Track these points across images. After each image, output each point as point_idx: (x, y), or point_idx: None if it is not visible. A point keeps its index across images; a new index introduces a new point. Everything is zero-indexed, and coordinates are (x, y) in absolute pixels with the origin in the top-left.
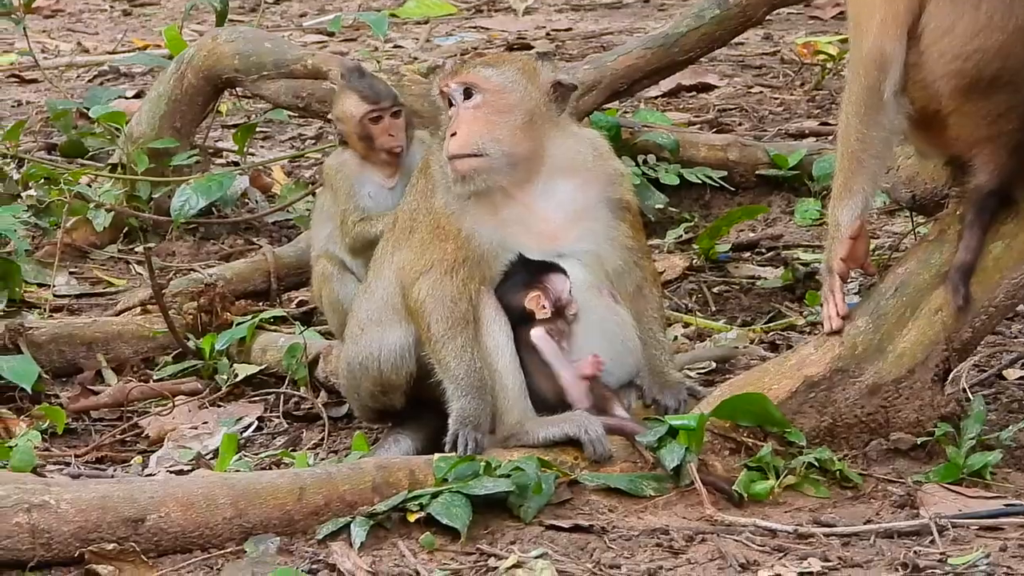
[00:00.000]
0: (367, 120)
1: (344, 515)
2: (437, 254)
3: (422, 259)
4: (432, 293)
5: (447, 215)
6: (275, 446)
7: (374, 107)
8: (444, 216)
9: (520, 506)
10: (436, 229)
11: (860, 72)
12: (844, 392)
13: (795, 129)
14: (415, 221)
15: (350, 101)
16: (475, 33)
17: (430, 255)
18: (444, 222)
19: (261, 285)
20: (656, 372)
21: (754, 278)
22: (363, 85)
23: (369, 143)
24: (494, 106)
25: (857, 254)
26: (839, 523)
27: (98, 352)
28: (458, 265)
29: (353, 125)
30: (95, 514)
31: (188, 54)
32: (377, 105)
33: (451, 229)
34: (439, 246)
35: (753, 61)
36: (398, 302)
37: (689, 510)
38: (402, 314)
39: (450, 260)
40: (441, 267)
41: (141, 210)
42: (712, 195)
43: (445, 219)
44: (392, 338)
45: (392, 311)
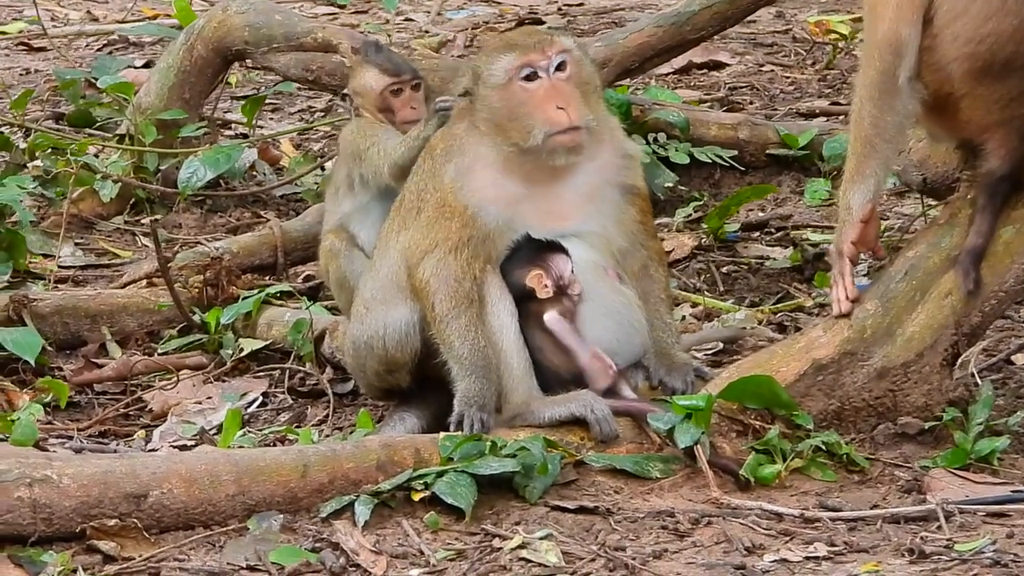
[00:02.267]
0: (388, 93)
1: (348, 493)
2: (442, 233)
3: (427, 238)
4: (437, 272)
5: (455, 192)
6: (279, 422)
7: (395, 80)
8: (452, 194)
9: (525, 486)
10: (443, 207)
11: (875, 56)
12: (852, 375)
13: (806, 108)
14: (422, 201)
15: (370, 75)
16: (486, 7)
17: (435, 234)
18: (452, 200)
19: (268, 259)
20: (662, 353)
21: (763, 258)
22: (382, 59)
23: (390, 116)
24: (579, 78)
25: (868, 237)
26: (845, 507)
27: (102, 325)
28: (463, 244)
29: (373, 99)
30: (97, 489)
31: (198, 25)
32: (398, 78)
33: (458, 207)
34: (445, 225)
35: (765, 39)
36: (403, 281)
37: (695, 492)
38: (407, 293)
39: (455, 239)
40: (446, 246)
41: (148, 182)
42: (722, 174)
43: (453, 197)
44: (397, 317)
45: (397, 290)
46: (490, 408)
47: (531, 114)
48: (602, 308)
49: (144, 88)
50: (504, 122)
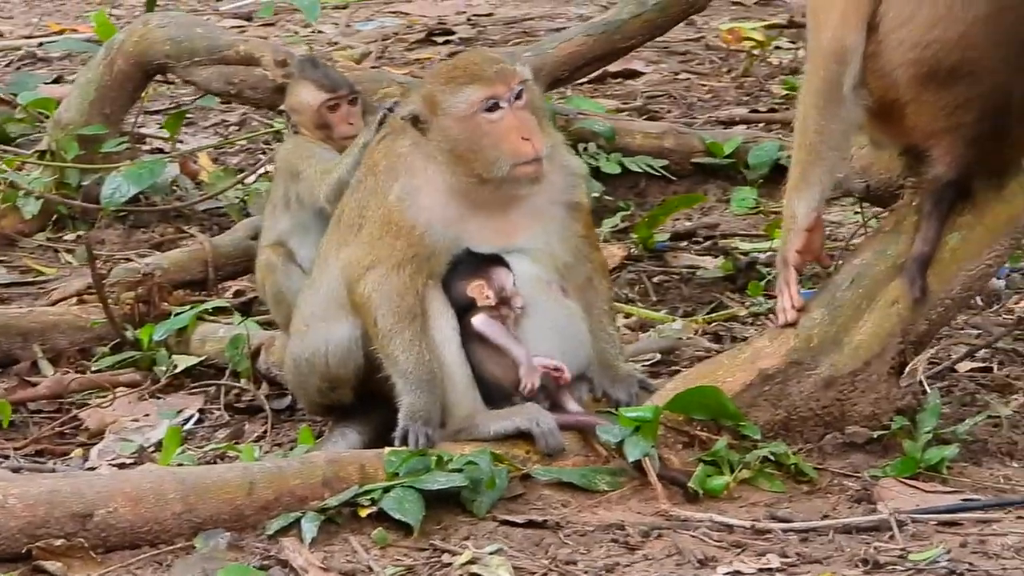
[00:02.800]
0: (324, 109)
1: (295, 510)
2: (385, 250)
3: (370, 254)
4: (378, 288)
5: (401, 211)
6: (217, 439)
7: (331, 96)
8: (398, 212)
9: (473, 501)
10: (387, 225)
11: (819, 64)
12: (799, 385)
13: (725, 116)
14: (363, 217)
15: (306, 91)
16: (395, 18)
17: (378, 251)
18: (397, 218)
19: (198, 275)
20: (606, 365)
21: (694, 268)
22: (318, 75)
23: (328, 132)
24: (534, 105)
25: (813, 246)
26: (796, 518)
27: (34, 342)
28: (407, 261)
29: (310, 114)
30: (43, 509)
31: (118, 39)
32: (335, 93)
33: (404, 225)
34: (388, 242)
35: (678, 47)
36: (344, 297)
37: (643, 505)
38: (348, 309)
39: (399, 256)
40: (389, 262)
41: (71, 198)
42: (647, 183)
43: (399, 215)
44: (339, 333)
45: (338, 306)
46: (435, 423)
47: (495, 146)
48: (547, 322)
49: (64, 103)
50: (465, 153)
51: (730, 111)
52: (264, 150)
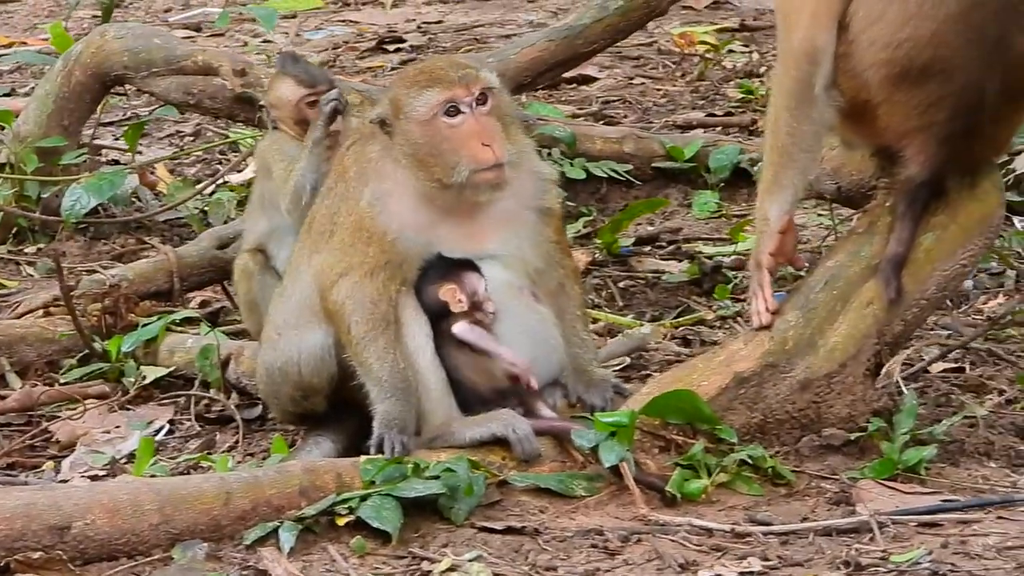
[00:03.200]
0: (303, 104)
1: (272, 519)
2: (358, 257)
3: (342, 261)
4: (352, 295)
5: (372, 217)
6: (188, 449)
7: (310, 91)
8: (369, 218)
9: (451, 508)
10: (358, 231)
11: (790, 65)
12: (775, 388)
13: (682, 121)
14: (335, 224)
15: (285, 86)
16: (344, 27)
17: (350, 258)
18: (369, 224)
19: (164, 285)
20: (580, 370)
21: (659, 272)
22: (298, 70)
23: (306, 127)
24: (499, 110)
25: (786, 248)
26: (775, 521)
27: (1, 355)
28: (379, 267)
29: (289, 110)
30: (20, 522)
31: (75, 51)
32: (313, 89)
33: (376, 231)
34: (360, 249)
35: (631, 52)
36: (316, 305)
37: (621, 510)
38: (320, 317)
39: (372, 263)
40: (362, 269)
41: (31, 210)
42: (608, 188)
43: (370, 221)
44: (311, 341)
45: (311, 314)
46: (410, 430)
47: (455, 151)
48: (519, 327)
49: (22, 116)
50: (426, 157)
51: (687, 115)
52: (220, 160)
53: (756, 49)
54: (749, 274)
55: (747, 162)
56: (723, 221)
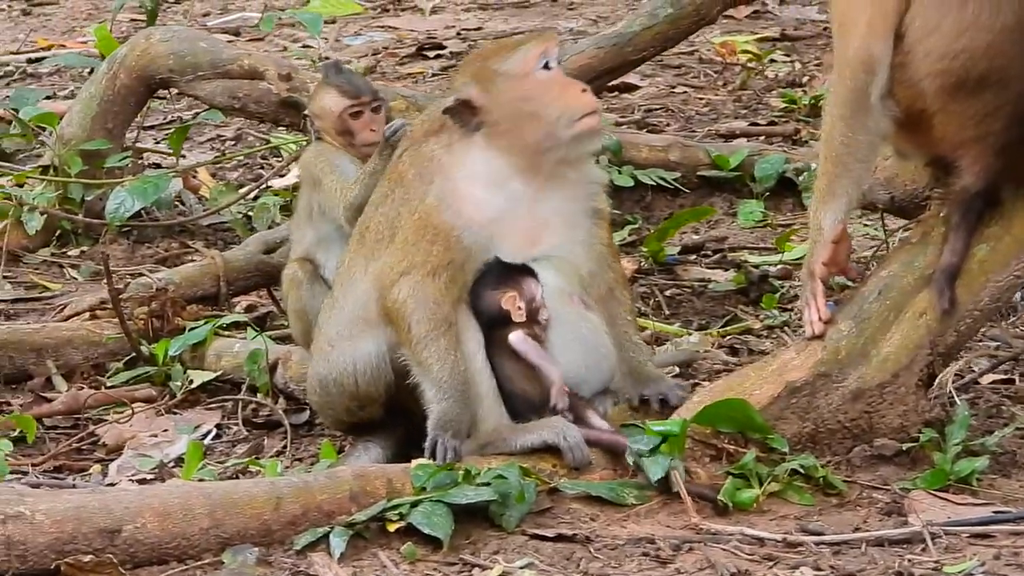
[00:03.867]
0: (347, 115)
1: (322, 525)
2: (420, 256)
3: (404, 260)
4: (413, 294)
5: (438, 214)
6: (236, 454)
7: (354, 102)
8: (436, 214)
9: (502, 515)
10: (423, 230)
11: (846, 74)
12: (827, 397)
13: (725, 130)
14: (395, 228)
15: (329, 97)
16: (384, 32)
17: (413, 256)
18: (435, 221)
19: (210, 289)
20: (638, 372)
21: (705, 281)
22: (342, 80)
23: (349, 138)
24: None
25: (839, 258)
26: (827, 531)
27: (48, 358)
28: (442, 267)
29: (333, 121)
30: (71, 525)
31: (120, 54)
32: (357, 100)
33: (442, 227)
34: (424, 247)
35: (672, 61)
36: (371, 314)
37: (673, 518)
38: (375, 325)
39: (435, 261)
40: (425, 268)
41: (74, 213)
42: (653, 197)
43: (436, 218)
44: (366, 351)
45: (364, 324)
46: (463, 435)
47: (557, 100)
48: (570, 335)
49: (66, 118)
50: (528, 119)
51: (729, 124)
52: (262, 165)
53: (798, 59)
54: (800, 283)
55: (792, 171)
56: (768, 230)
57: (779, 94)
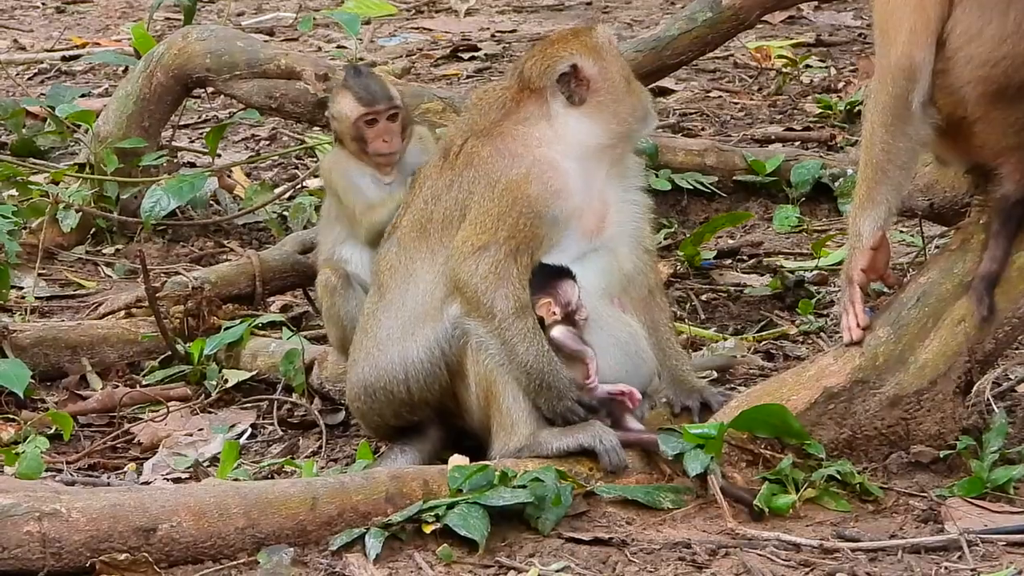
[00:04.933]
0: (362, 122)
1: (358, 526)
2: (504, 231)
3: (483, 235)
4: (496, 270)
5: (527, 184)
6: (271, 454)
7: (369, 110)
8: (524, 186)
9: (538, 518)
10: (508, 203)
11: (888, 81)
12: (864, 404)
13: (760, 135)
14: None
15: (345, 101)
16: (418, 34)
17: (495, 231)
18: (524, 191)
19: (246, 289)
20: (678, 380)
21: (740, 286)
22: (359, 85)
23: (363, 145)
24: None
25: (877, 265)
26: (864, 538)
27: (83, 356)
28: (525, 245)
29: (347, 126)
30: (106, 523)
31: (157, 52)
32: (372, 108)
33: (531, 199)
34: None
35: (706, 65)
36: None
37: (709, 523)
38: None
39: (519, 238)
40: (508, 244)
41: (110, 211)
42: (689, 201)
43: (525, 188)
44: (418, 353)
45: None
46: (580, 412)
47: (640, 90)
48: (610, 338)
49: (102, 116)
50: (622, 96)
51: (765, 129)
52: (297, 164)
53: (833, 64)
54: (838, 289)
55: (828, 177)
56: (804, 236)
57: (814, 99)
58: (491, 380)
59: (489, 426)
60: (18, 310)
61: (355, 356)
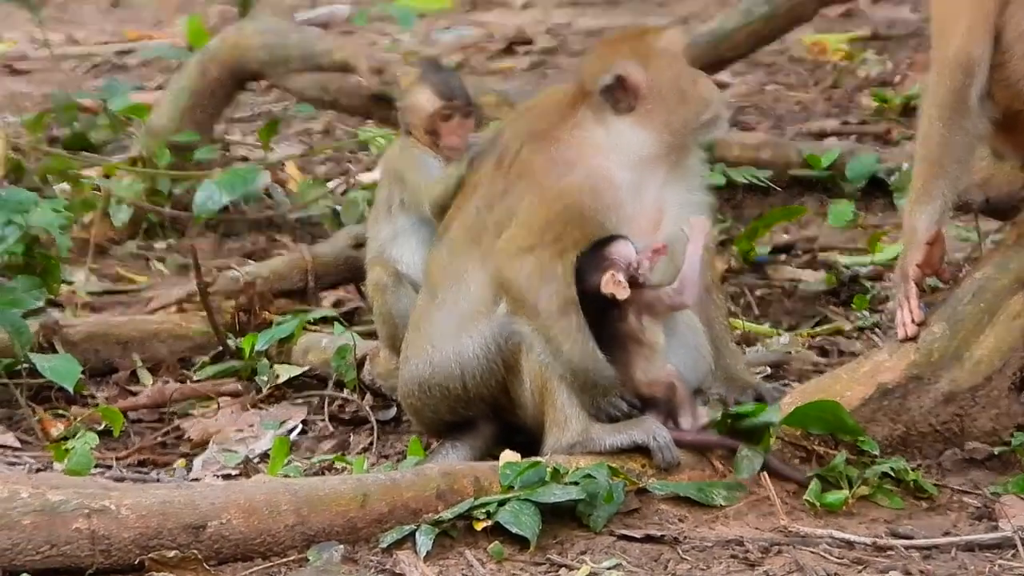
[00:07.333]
0: (438, 116)
1: (408, 523)
2: (551, 235)
3: (529, 238)
4: (541, 271)
5: (579, 193)
6: (322, 450)
7: (446, 104)
8: (576, 194)
9: (589, 515)
10: (559, 211)
11: (945, 75)
12: (919, 400)
13: (816, 129)
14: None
15: (424, 94)
16: (473, 28)
17: (542, 235)
18: (575, 200)
19: (298, 284)
20: (733, 378)
21: (795, 281)
22: (438, 79)
23: (435, 138)
24: None
25: (933, 260)
26: (918, 535)
27: (133, 351)
28: (570, 248)
29: (422, 119)
30: (155, 520)
31: (212, 46)
32: (450, 103)
33: (582, 208)
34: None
35: (763, 59)
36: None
37: (762, 520)
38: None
39: (566, 242)
40: (555, 247)
41: (162, 206)
42: (743, 195)
43: (576, 197)
44: (473, 350)
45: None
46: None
47: (694, 84)
48: (673, 332)
49: (156, 110)
50: (676, 101)
51: (821, 123)
52: (350, 159)
53: (889, 58)
54: (892, 285)
55: (884, 172)
56: (859, 231)
57: (870, 93)
58: (545, 377)
59: (542, 422)
60: (69, 305)
61: (408, 353)
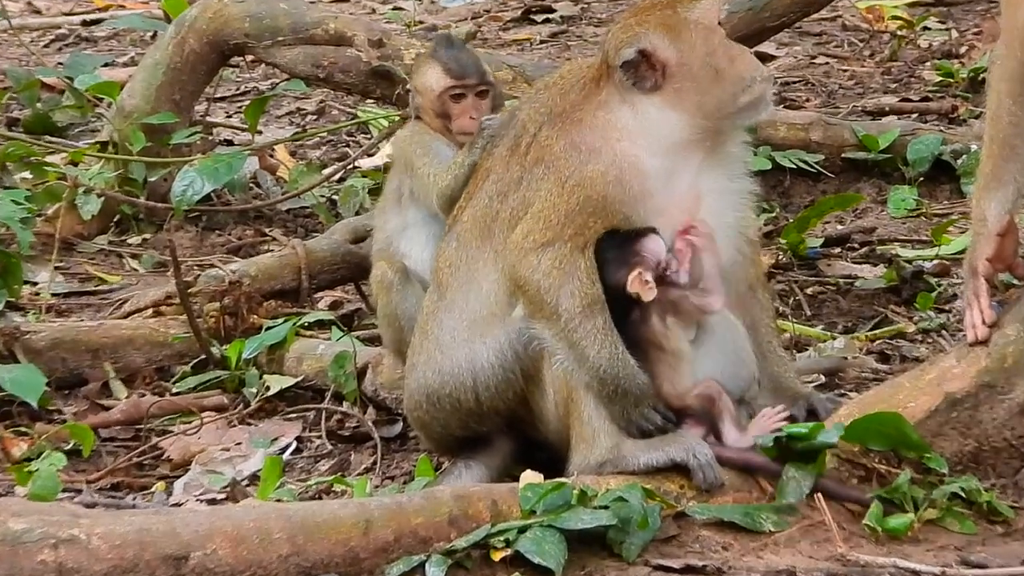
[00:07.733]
0: (447, 96)
1: (417, 552)
2: (572, 228)
3: (547, 232)
4: (560, 266)
5: (603, 183)
6: (319, 471)
7: (457, 83)
8: (599, 185)
9: (622, 542)
10: (580, 202)
11: (1016, 46)
12: (991, 411)
13: (873, 106)
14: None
15: (432, 73)
16: None
17: (561, 229)
18: (598, 191)
19: (290, 283)
20: (781, 387)
21: (851, 277)
22: (448, 57)
23: (446, 121)
24: None
25: (1005, 253)
26: (991, 563)
27: (105, 360)
28: (592, 242)
29: (432, 99)
30: (131, 551)
31: (190, 16)
32: (461, 81)
33: (605, 199)
34: (579, 220)
35: (812, 28)
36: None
37: (815, 548)
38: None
39: (588, 235)
40: (576, 241)
41: (135, 195)
42: (792, 181)
43: (599, 188)
44: (488, 357)
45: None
46: (657, 421)
47: (734, 61)
48: (708, 337)
49: (127, 89)
50: (709, 79)
51: (878, 100)
52: (348, 142)
53: (954, 26)
54: (961, 281)
55: (950, 154)
56: (922, 220)
57: (933, 66)
58: (571, 387)
59: (567, 438)
60: (32, 308)
61: (414, 360)
